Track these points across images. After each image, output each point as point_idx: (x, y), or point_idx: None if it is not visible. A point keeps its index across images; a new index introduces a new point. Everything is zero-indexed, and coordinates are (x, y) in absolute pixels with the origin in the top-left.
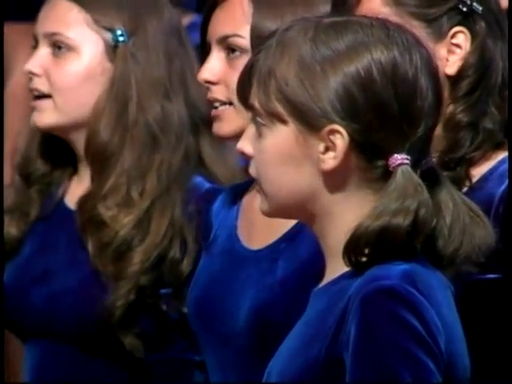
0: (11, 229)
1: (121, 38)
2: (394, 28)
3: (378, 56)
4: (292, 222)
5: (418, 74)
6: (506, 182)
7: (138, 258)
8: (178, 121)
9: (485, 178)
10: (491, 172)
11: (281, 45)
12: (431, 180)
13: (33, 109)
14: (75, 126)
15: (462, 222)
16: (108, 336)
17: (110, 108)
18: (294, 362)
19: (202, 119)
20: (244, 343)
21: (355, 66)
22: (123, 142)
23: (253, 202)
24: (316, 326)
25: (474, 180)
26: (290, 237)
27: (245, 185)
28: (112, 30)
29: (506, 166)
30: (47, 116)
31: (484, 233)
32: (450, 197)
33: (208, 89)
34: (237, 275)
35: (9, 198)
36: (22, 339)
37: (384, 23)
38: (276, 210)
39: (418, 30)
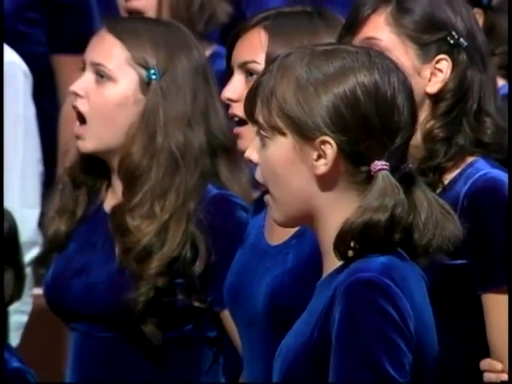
0: (61, 226)
1: (153, 76)
2: (376, 54)
3: (361, 79)
4: None
5: (395, 94)
6: (470, 182)
7: (155, 263)
8: (198, 147)
9: (454, 180)
10: (459, 175)
11: (281, 69)
12: (409, 182)
13: (77, 137)
14: (110, 150)
15: (435, 218)
16: (131, 322)
17: (140, 135)
18: (296, 341)
19: (219, 146)
20: (263, 322)
21: (343, 88)
22: (151, 165)
23: None
24: (313, 313)
25: (446, 182)
26: (299, 234)
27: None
28: (147, 68)
29: (471, 169)
30: (88, 143)
31: (453, 227)
32: (424, 196)
33: (229, 106)
34: (259, 266)
35: (60, 200)
36: (64, 321)
37: (367, 50)
38: (285, 218)
39: (410, 50)
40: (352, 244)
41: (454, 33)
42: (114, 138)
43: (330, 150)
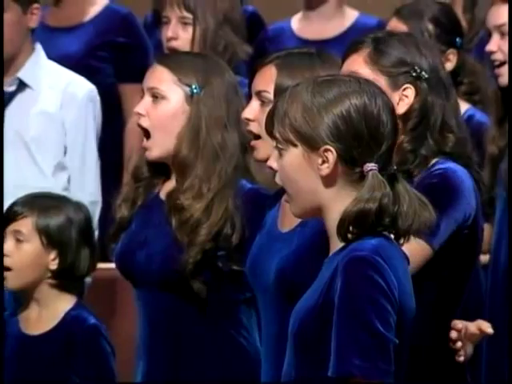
0: (125, 211)
1: (195, 91)
2: (364, 82)
3: (354, 101)
4: None
5: (380, 112)
6: (429, 179)
7: (204, 231)
8: (232, 144)
9: (421, 178)
10: (424, 175)
11: (292, 95)
12: (393, 180)
13: (144, 149)
14: (169, 154)
15: (414, 208)
16: (183, 283)
17: (188, 136)
18: (306, 305)
19: (249, 144)
20: (274, 292)
21: (340, 109)
22: (197, 158)
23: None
24: (320, 283)
25: (415, 179)
26: (303, 224)
27: (284, 189)
28: (190, 86)
29: (433, 168)
30: (154, 153)
31: (428, 215)
32: (405, 191)
33: (247, 124)
34: (272, 248)
35: (124, 192)
36: (133, 284)
37: (358, 79)
38: (300, 210)
39: (382, 80)
40: (350, 228)
41: (416, 68)
42: (171, 143)
43: (331, 156)
